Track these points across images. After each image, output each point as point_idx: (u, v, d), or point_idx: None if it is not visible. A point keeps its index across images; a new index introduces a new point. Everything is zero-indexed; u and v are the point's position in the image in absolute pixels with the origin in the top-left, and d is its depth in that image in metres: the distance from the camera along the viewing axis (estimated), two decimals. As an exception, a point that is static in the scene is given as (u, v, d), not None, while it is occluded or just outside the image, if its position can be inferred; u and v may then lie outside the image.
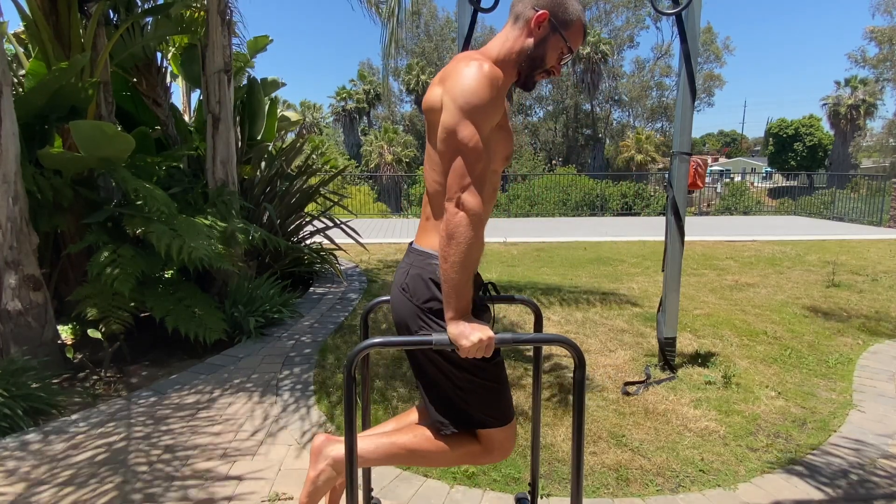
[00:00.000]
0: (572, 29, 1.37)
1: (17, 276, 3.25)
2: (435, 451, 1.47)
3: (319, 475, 1.51)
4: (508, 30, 1.39)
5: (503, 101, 1.34)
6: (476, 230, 1.24)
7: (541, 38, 1.36)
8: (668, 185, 3.42)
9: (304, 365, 3.60)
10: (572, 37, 1.38)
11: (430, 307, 1.37)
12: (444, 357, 1.38)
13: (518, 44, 1.37)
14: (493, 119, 1.30)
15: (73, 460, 2.45)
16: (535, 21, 1.34)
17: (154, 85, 5.04)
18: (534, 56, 1.37)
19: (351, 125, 37.40)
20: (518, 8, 1.38)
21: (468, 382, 1.40)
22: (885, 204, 12.18)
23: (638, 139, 29.53)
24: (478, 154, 1.25)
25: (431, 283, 1.37)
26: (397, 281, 1.47)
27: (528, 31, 1.36)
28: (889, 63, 26.65)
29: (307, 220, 6.01)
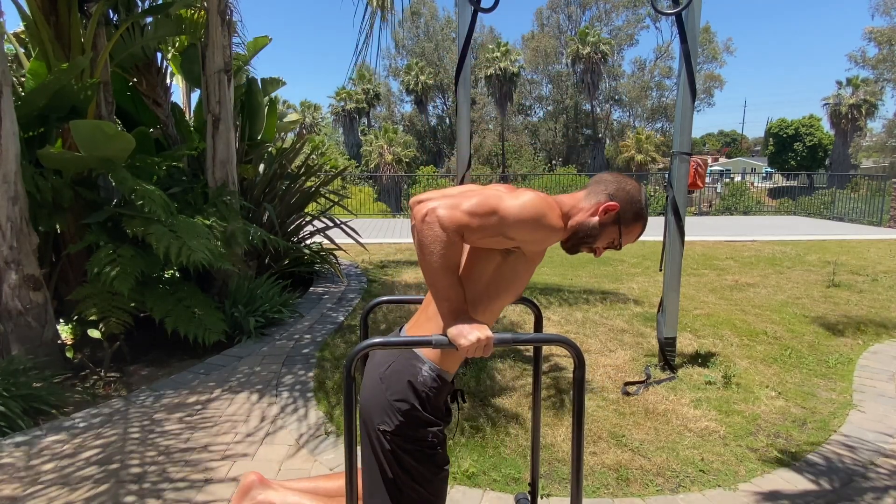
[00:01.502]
0: (632, 228, 1.45)
1: (17, 276, 3.25)
2: None
3: None
4: (581, 198, 1.45)
5: (540, 241, 1.35)
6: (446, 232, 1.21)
7: (602, 223, 1.42)
8: (668, 185, 3.42)
9: (304, 365, 3.60)
10: (628, 234, 1.46)
11: (400, 407, 1.35)
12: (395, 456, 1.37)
13: (583, 216, 1.42)
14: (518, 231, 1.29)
15: (72, 460, 2.45)
16: (604, 208, 1.41)
17: (154, 85, 5.04)
18: (589, 234, 1.43)
19: (350, 125, 37.39)
20: (596, 188, 1.44)
21: (409, 489, 1.39)
22: (885, 204, 12.18)
23: (638, 139, 29.52)
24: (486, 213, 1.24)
25: (409, 386, 1.35)
26: (376, 367, 1.43)
27: (595, 211, 1.42)
28: (889, 63, 26.66)
29: (307, 220, 6.01)
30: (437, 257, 1.22)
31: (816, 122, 34.06)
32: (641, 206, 1.44)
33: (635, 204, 1.43)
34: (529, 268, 1.42)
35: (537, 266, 1.44)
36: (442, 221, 1.21)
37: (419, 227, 1.23)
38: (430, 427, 1.37)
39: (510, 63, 31.98)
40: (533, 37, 36.43)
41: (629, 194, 1.43)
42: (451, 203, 1.23)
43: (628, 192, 1.43)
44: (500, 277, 1.37)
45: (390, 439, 1.36)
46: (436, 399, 1.36)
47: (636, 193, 1.44)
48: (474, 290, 1.36)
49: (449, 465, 1.46)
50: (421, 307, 1.51)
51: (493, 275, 1.37)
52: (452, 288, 1.26)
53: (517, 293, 1.45)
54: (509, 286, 1.40)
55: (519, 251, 1.35)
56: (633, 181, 1.46)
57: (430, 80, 34.60)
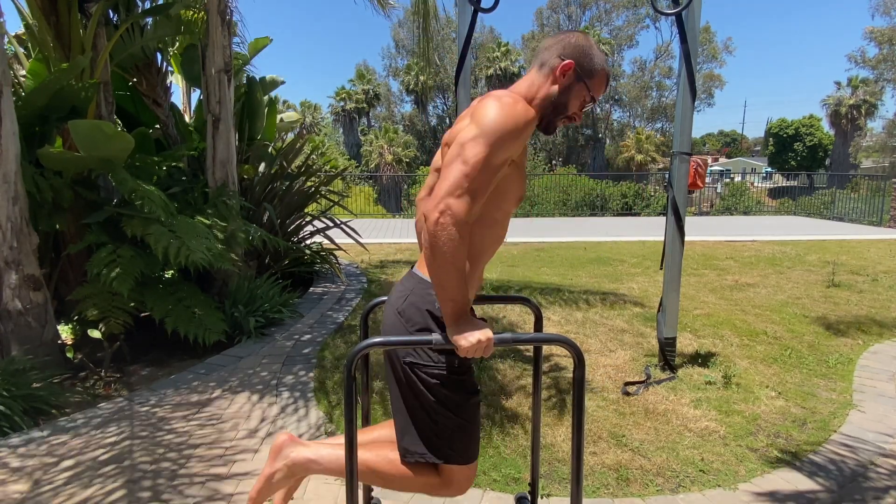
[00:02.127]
0: (596, 79, 1.41)
1: (17, 276, 3.25)
2: (395, 476, 1.48)
3: (274, 474, 1.52)
4: (534, 75, 1.42)
5: (525, 139, 1.34)
6: (461, 233, 1.22)
7: (565, 86, 1.39)
8: (668, 185, 3.42)
9: (304, 365, 3.60)
10: (595, 86, 1.42)
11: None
12: (425, 387, 1.39)
13: (544, 90, 1.40)
14: (508, 150, 1.30)
15: (71, 461, 2.45)
16: (560, 70, 1.38)
17: (154, 85, 5.04)
18: (557, 103, 1.40)
19: (350, 125, 37.38)
20: (544, 55, 1.41)
21: (442, 417, 1.40)
22: (885, 204, 12.19)
23: (638, 139, 29.53)
24: (479, 171, 1.24)
25: (428, 315, 1.38)
26: (394, 302, 1.46)
27: (553, 78, 1.39)
28: (889, 63, 26.66)
29: (307, 221, 6.01)
30: (450, 257, 1.22)
31: (816, 122, 34.07)
32: (595, 51, 1.40)
33: (588, 51, 1.39)
34: (520, 169, 1.43)
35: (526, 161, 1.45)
36: (456, 216, 1.21)
37: (433, 229, 1.22)
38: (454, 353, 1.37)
39: (510, 63, 31.98)
40: (533, 37, 36.41)
41: (578, 46, 1.39)
42: (456, 189, 1.22)
43: (576, 44, 1.39)
44: (498, 190, 1.38)
45: (418, 370, 1.38)
46: None
47: (584, 42, 1.40)
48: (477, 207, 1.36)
49: (479, 392, 1.47)
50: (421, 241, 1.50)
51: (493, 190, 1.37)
52: (459, 289, 1.26)
53: (518, 197, 1.46)
54: (507, 193, 1.41)
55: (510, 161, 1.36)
56: (575, 32, 1.43)
57: (431, 80, 34.60)
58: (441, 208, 1.21)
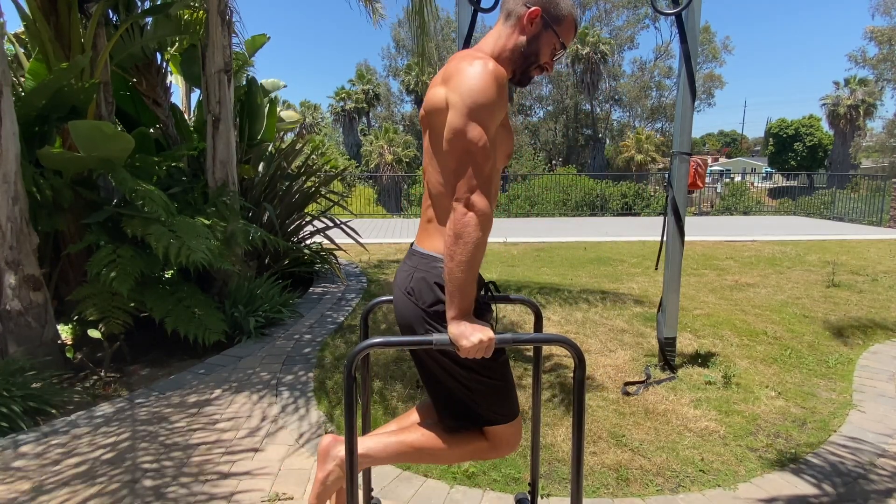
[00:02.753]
0: (564, 24, 1.39)
1: (17, 276, 3.25)
2: (443, 449, 1.49)
3: (328, 476, 1.52)
4: (501, 27, 1.40)
5: (507, 98, 1.34)
6: (484, 231, 1.25)
7: (533, 35, 1.37)
8: (668, 185, 3.42)
9: (304, 365, 3.60)
10: (564, 32, 1.39)
11: (437, 311, 1.37)
12: (450, 358, 1.39)
13: (511, 41, 1.38)
14: (499, 118, 1.31)
15: (71, 461, 2.45)
16: (527, 18, 1.36)
17: (154, 85, 5.04)
18: (527, 53, 1.38)
19: (350, 125, 37.37)
20: (510, 5, 1.39)
21: (475, 382, 1.41)
22: (885, 204, 12.19)
23: (638, 139, 29.52)
24: (486, 154, 1.26)
25: (437, 287, 1.37)
26: (400, 284, 1.45)
27: (520, 27, 1.37)
28: (889, 63, 26.66)
29: (307, 221, 6.01)
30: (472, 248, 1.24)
31: (816, 122, 34.08)
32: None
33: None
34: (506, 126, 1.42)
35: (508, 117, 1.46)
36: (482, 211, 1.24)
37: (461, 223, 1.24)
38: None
39: (510, 63, 31.93)
40: (533, 37, 36.39)
41: None
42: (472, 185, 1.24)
43: None
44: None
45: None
46: None
47: None
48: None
49: (505, 350, 1.45)
50: (421, 218, 1.51)
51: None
52: (472, 284, 1.27)
53: (508, 153, 1.46)
54: (498, 151, 1.40)
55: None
56: None
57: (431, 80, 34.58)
58: (466, 204, 1.24)
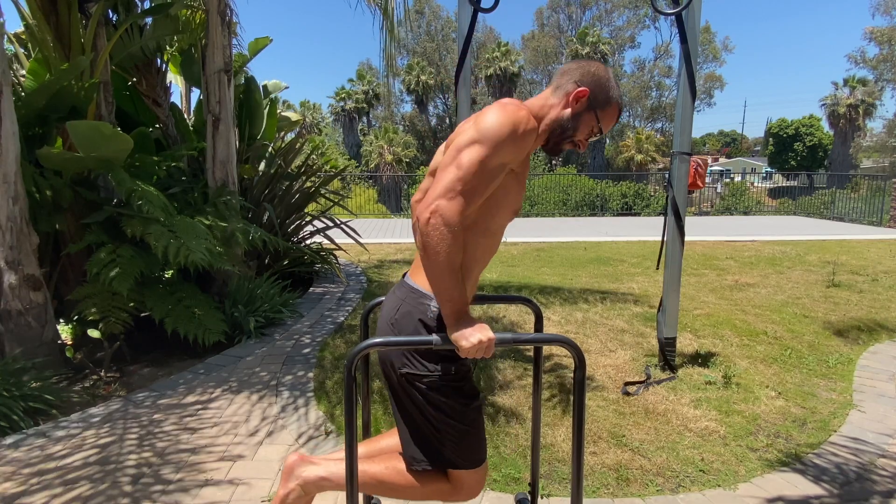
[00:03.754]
0: (608, 110, 1.42)
1: (17, 276, 3.25)
2: (404, 486, 1.48)
3: (289, 494, 1.52)
4: (549, 94, 1.43)
5: (525, 149, 1.34)
6: (453, 235, 1.21)
7: (576, 113, 1.40)
8: (668, 185, 3.42)
9: (304, 365, 3.60)
10: (606, 117, 1.42)
11: (417, 347, 1.37)
12: (423, 396, 1.39)
13: (555, 111, 1.40)
14: (505, 154, 1.29)
15: (72, 460, 2.45)
16: (574, 95, 1.38)
17: (154, 85, 5.04)
18: (566, 127, 1.40)
19: (350, 125, 37.36)
20: (561, 79, 1.42)
21: (445, 424, 1.40)
22: (885, 204, 12.19)
23: (638, 139, 29.50)
24: (474, 175, 1.24)
25: (421, 324, 1.37)
26: (386, 314, 1.45)
27: (566, 102, 1.40)
28: (889, 63, 26.65)
29: (307, 221, 6.01)
30: (444, 257, 1.22)
31: (816, 122, 34.06)
32: (612, 84, 1.41)
33: (605, 84, 1.39)
34: (520, 181, 1.42)
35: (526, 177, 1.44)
36: (446, 218, 1.21)
37: (424, 229, 1.23)
38: (451, 361, 1.38)
39: (510, 63, 31.96)
40: (533, 37, 36.43)
41: (596, 76, 1.39)
42: (448, 192, 1.22)
43: (595, 73, 1.40)
44: (493, 199, 1.37)
45: (414, 380, 1.38)
46: None
47: (603, 73, 1.40)
48: (471, 216, 1.36)
49: (479, 396, 1.46)
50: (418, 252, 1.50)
51: (488, 199, 1.37)
52: (456, 289, 1.26)
53: (514, 210, 1.45)
54: (503, 204, 1.40)
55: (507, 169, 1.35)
56: (597, 62, 1.43)
57: (431, 79, 34.60)
58: (432, 209, 1.22)
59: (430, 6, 36.33)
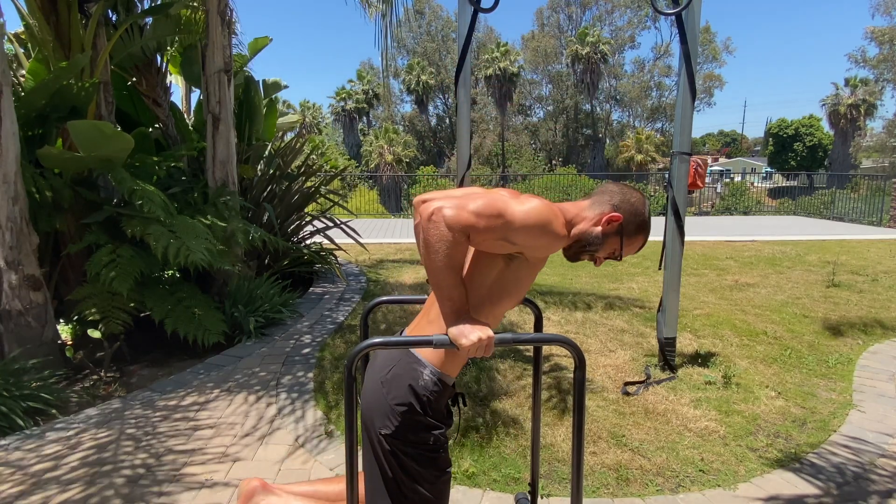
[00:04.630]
0: (633, 240, 1.45)
1: (17, 276, 3.25)
2: None
3: None
4: (585, 207, 1.46)
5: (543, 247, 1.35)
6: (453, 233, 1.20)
7: (604, 233, 1.43)
8: (668, 185, 3.42)
9: (304, 365, 3.60)
10: (630, 245, 1.46)
11: (401, 411, 1.36)
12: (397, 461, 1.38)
13: (586, 225, 1.43)
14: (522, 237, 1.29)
15: (71, 461, 2.45)
16: (608, 218, 1.42)
17: (154, 85, 5.04)
18: (591, 242, 1.43)
19: (351, 125, 37.37)
20: (602, 197, 1.45)
21: (412, 491, 1.39)
22: (885, 204, 12.18)
23: (638, 139, 29.51)
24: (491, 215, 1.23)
25: (410, 390, 1.36)
26: (378, 370, 1.43)
27: (598, 220, 1.43)
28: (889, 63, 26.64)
29: (307, 221, 6.01)
30: (443, 256, 1.22)
31: (816, 122, 34.05)
32: (645, 218, 1.45)
33: (639, 216, 1.44)
34: (532, 273, 1.42)
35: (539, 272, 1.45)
36: (448, 221, 1.21)
37: (425, 225, 1.23)
38: (432, 430, 1.37)
39: (510, 63, 31.97)
40: (533, 37, 36.42)
41: (633, 206, 1.43)
42: (458, 203, 1.23)
43: (633, 203, 1.44)
44: (502, 282, 1.38)
45: (392, 442, 1.36)
46: (437, 402, 1.36)
47: (640, 206, 1.44)
48: (477, 295, 1.37)
49: (451, 467, 1.46)
50: (422, 310, 1.50)
51: (496, 280, 1.38)
52: (456, 288, 1.26)
53: (519, 298, 1.46)
54: (512, 291, 1.41)
55: (522, 257, 1.36)
56: (638, 193, 1.47)
57: (432, 79, 34.60)
58: (436, 206, 1.22)
59: (430, 6, 36.33)
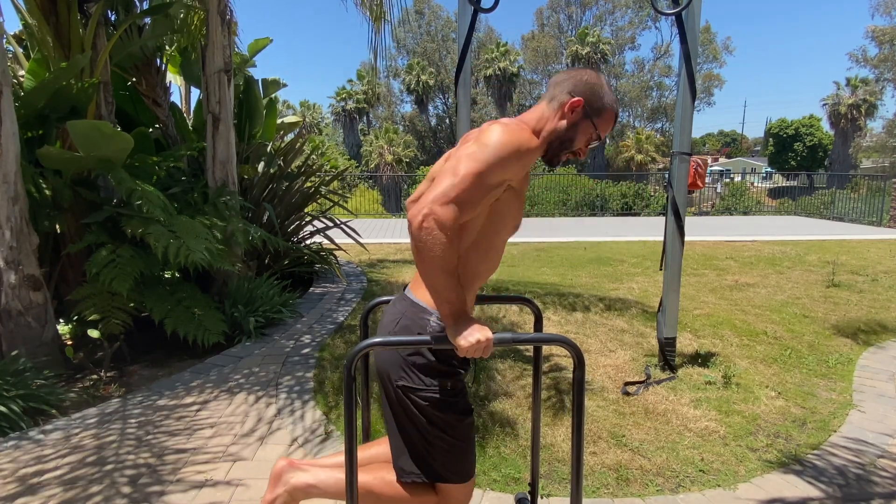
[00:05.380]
0: (604, 117, 1.42)
1: (17, 276, 3.24)
2: (392, 497, 1.48)
3: (275, 500, 1.52)
4: (544, 107, 1.43)
5: (526, 167, 1.35)
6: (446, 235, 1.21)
7: (573, 123, 1.40)
8: (668, 185, 3.42)
9: (304, 365, 3.60)
10: (602, 124, 1.43)
11: (414, 361, 1.38)
12: (417, 409, 1.39)
13: (552, 124, 1.41)
14: (504, 171, 1.30)
15: (71, 461, 2.45)
16: (569, 106, 1.39)
17: (153, 85, 5.04)
18: (564, 138, 1.41)
19: (351, 125, 37.37)
20: (555, 90, 1.42)
21: (438, 438, 1.41)
22: (885, 204, 12.18)
23: (638, 139, 29.51)
24: (469, 184, 1.24)
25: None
26: (386, 326, 1.46)
27: (561, 113, 1.40)
28: (890, 63, 26.63)
29: (307, 221, 6.01)
30: (438, 260, 1.22)
31: (816, 122, 34.05)
32: (605, 90, 1.41)
33: (598, 91, 1.40)
34: (520, 197, 1.43)
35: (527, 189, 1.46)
36: (440, 222, 1.21)
37: (417, 233, 1.23)
38: (447, 376, 1.39)
39: (510, 63, 31.98)
40: (533, 37, 36.43)
41: (589, 84, 1.40)
42: (442, 197, 1.22)
43: (587, 82, 1.40)
44: (495, 215, 1.39)
45: (410, 393, 1.39)
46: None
47: (595, 80, 1.41)
48: (473, 232, 1.38)
49: (472, 412, 1.48)
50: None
51: (489, 215, 1.38)
52: (453, 290, 1.26)
53: (517, 222, 1.46)
54: (504, 220, 1.41)
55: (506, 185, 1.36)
56: (588, 70, 1.43)
57: (431, 80, 34.60)
58: (425, 212, 1.22)
59: (429, 6, 36.34)
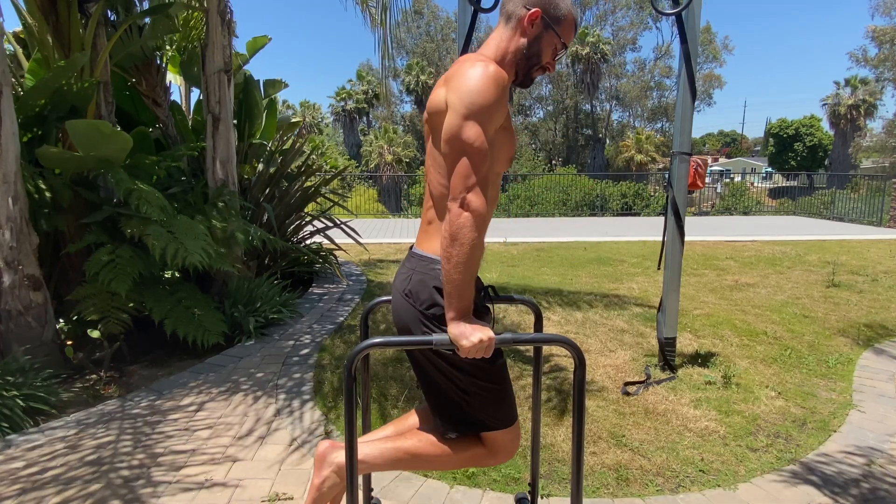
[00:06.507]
0: (564, 24, 1.39)
1: (17, 276, 3.24)
2: (439, 455, 1.47)
3: (324, 482, 1.52)
4: (501, 30, 1.40)
5: (507, 101, 1.34)
6: (479, 231, 1.24)
7: (534, 36, 1.37)
8: (668, 185, 3.42)
9: (304, 365, 3.60)
10: (565, 32, 1.40)
11: (434, 313, 1.36)
12: (446, 360, 1.38)
13: (513, 44, 1.38)
14: (497, 120, 1.30)
15: (70, 461, 2.45)
16: (527, 19, 1.36)
17: (154, 85, 5.03)
18: (529, 54, 1.38)
19: (351, 125, 37.35)
20: (509, 7, 1.39)
21: (471, 385, 1.40)
22: (885, 204, 12.18)
23: (638, 139, 29.51)
24: (482, 155, 1.25)
25: (434, 290, 1.37)
26: (399, 286, 1.45)
27: (521, 30, 1.37)
28: (890, 63, 26.62)
29: (307, 221, 6.01)
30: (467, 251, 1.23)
31: (816, 122, 34.06)
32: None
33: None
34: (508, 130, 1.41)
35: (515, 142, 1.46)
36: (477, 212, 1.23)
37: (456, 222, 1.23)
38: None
39: (510, 63, 31.91)
40: (533, 37, 36.38)
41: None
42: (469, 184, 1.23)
43: None
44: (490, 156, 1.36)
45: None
46: None
47: None
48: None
49: (503, 353, 1.45)
50: (422, 219, 1.49)
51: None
52: (468, 288, 1.27)
53: (509, 157, 1.45)
54: (499, 155, 1.40)
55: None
56: None
57: (431, 80, 34.58)
58: (461, 202, 1.23)
59: (429, 6, 36.32)
